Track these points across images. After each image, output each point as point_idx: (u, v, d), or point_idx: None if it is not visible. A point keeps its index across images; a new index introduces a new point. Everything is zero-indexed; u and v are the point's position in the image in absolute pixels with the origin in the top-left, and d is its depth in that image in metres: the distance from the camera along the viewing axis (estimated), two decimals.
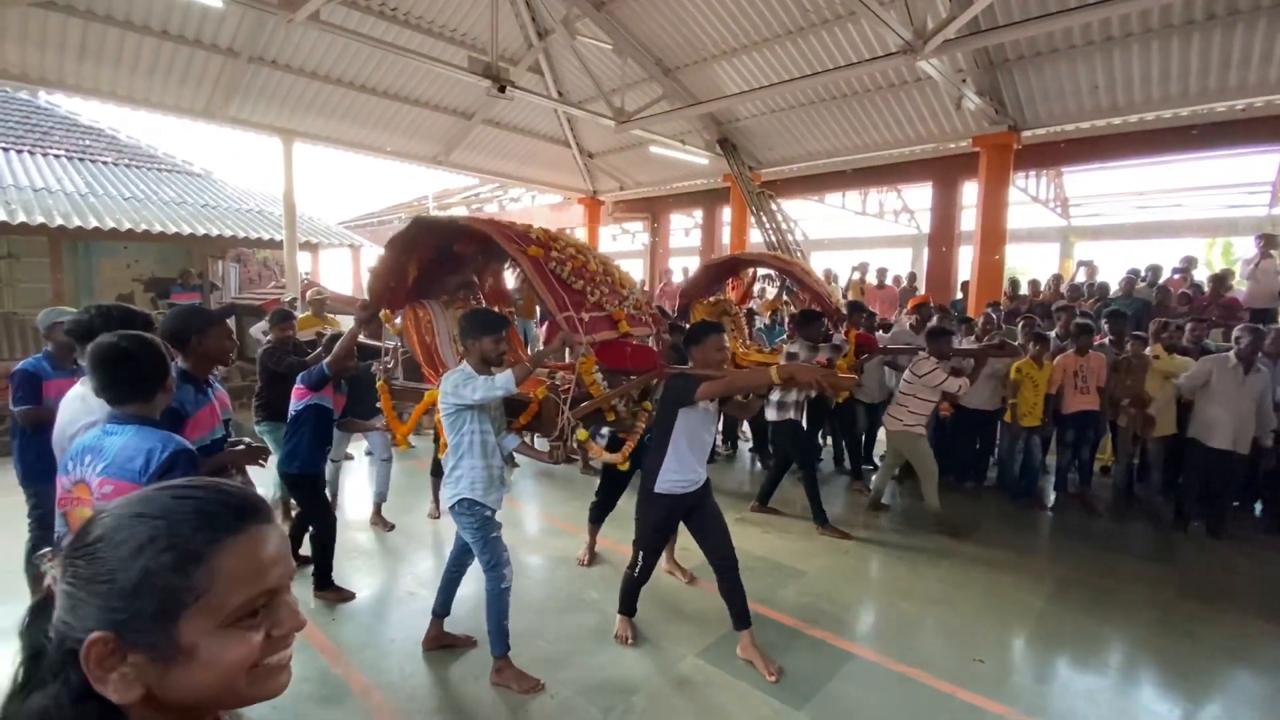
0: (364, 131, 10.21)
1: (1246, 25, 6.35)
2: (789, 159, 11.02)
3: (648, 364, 3.45)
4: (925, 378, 4.83)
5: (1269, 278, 7.62)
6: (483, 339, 2.87)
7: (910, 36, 5.88)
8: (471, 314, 3.03)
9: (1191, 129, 8.06)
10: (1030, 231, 15.74)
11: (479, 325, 2.90)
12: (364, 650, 3.28)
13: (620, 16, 8.71)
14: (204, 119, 8.83)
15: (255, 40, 7.90)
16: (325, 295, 6.51)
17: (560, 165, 13.16)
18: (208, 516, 0.66)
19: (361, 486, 5.77)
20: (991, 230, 8.64)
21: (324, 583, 3.77)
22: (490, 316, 3.00)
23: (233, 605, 0.64)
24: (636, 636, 3.35)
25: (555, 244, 3.51)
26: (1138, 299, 7.90)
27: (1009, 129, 8.35)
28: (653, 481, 3.07)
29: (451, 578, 3.21)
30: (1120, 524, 5.30)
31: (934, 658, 3.27)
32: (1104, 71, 7.36)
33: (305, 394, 3.66)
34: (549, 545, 4.71)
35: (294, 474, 3.67)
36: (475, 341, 2.88)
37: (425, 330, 4.03)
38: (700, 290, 6.09)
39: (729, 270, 6.30)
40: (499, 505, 3.02)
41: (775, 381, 2.64)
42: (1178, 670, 3.24)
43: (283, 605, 0.69)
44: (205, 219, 9.79)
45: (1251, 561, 4.65)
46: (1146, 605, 3.87)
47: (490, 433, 2.94)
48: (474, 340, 2.88)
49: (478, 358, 2.87)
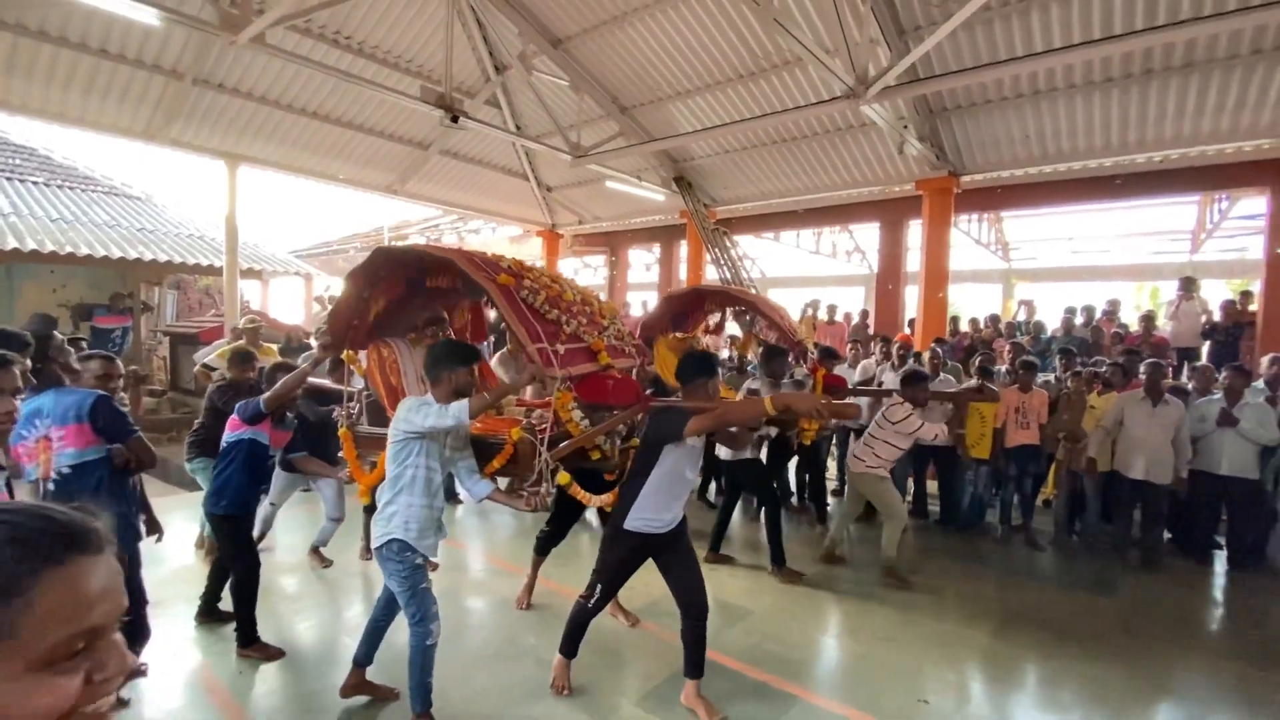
0: (315, 159, 10.01)
1: (1160, 84, 6.83)
2: (743, 198, 11.26)
3: (631, 398, 3.26)
4: (899, 425, 4.55)
5: (1190, 319, 8.08)
6: (458, 370, 2.71)
7: (853, 83, 6.10)
8: (445, 344, 2.88)
9: (1115, 178, 8.57)
10: (974, 273, 16.47)
11: (455, 356, 2.74)
12: (271, 707, 3.01)
13: (577, 55, 8.85)
14: (144, 140, 8.52)
15: (200, 62, 7.71)
16: (260, 323, 6.21)
17: (519, 198, 13.15)
18: (26, 544, 0.58)
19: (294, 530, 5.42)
20: (935, 269, 8.93)
21: (248, 639, 3.43)
22: (464, 347, 2.84)
23: (47, 645, 0.57)
24: (573, 686, 3.15)
25: (529, 274, 3.33)
26: (1076, 337, 8.24)
27: (949, 174, 8.72)
28: (623, 517, 2.88)
29: (377, 625, 2.98)
30: (1061, 557, 5.38)
31: (879, 698, 3.18)
32: (1034, 122, 7.78)
33: (239, 426, 3.38)
34: (485, 586, 4.50)
35: (220, 513, 3.37)
36: (450, 372, 2.70)
37: (390, 370, 3.71)
38: (662, 324, 5.69)
39: (691, 303, 5.92)
40: (433, 553, 2.83)
41: (770, 412, 2.53)
42: (1119, 709, 3.22)
43: (107, 646, 0.62)
44: (139, 243, 9.39)
45: (1182, 590, 4.75)
46: (1087, 639, 3.87)
47: (437, 471, 2.76)
48: (448, 371, 2.70)
49: (449, 390, 2.69)
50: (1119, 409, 5.21)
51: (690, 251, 12.13)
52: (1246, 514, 5.18)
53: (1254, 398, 5.15)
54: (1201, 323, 8.04)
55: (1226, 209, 12.29)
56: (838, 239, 17.77)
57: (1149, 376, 5.15)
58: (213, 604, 3.76)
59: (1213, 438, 5.11)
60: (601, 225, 13.96)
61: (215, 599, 3.76)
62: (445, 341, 2.90)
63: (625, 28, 8.05)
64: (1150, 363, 5.29)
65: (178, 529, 5.30)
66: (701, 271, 11.82)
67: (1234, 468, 5.02)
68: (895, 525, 4.63)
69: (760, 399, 2.60)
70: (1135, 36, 5.36)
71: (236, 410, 3.37)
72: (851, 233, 17.08)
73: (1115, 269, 15.28)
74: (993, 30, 6.60)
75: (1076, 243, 16.25)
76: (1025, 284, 15.80)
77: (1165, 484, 5.08)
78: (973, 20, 6.40)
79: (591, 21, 8.12)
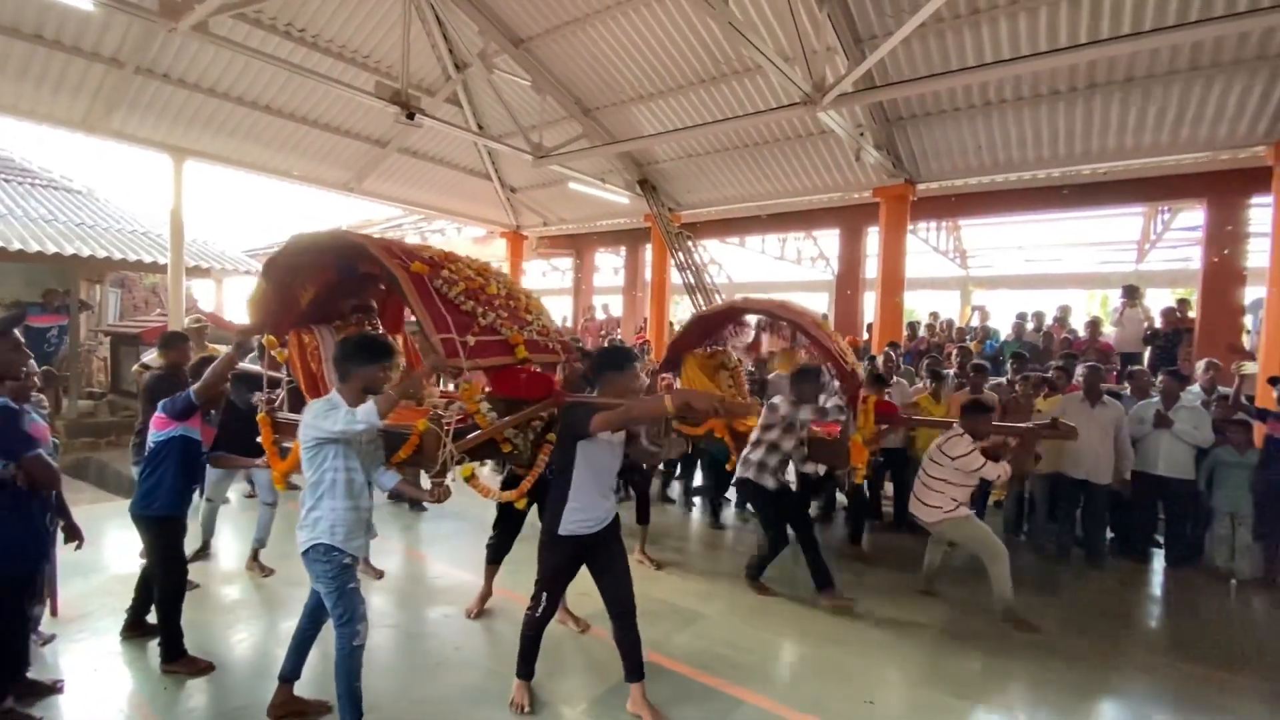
0: (267, 154, 9.71)
1: (1104, 98, 7.06)
2: (706, 202, 11.31)
3: (543, 392, 3.27)
4: (959, 460, 4.10)
5: (1134, 325, 8.39)
6: (367, 367, 2.62)
7: (810, 90, 6.16)
8: (357, 340, 2.78)
9: (1063, 189, 8.86)
10: (933, 280, 16.89)
11: (364, 352, 2.65)
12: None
13: (539, 55, 8.77)
14: (83, 131, 8.15)
15: (142, 51, 7.40)
16: (205, 322, 5.97)
17: (482, 198, 12.98)
18: None
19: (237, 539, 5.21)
20: (892, 275, 9.09)
21: (173, 653, 3.25)
22: (377, 344, 2.75)
23: None
24: (535, 703, 3.03)
25: (451, 265, 3.30)
26: (1027, 342, 8.47)
27: (906, 181, 8.88)
28: (556, 523, 2.82)
29: (304, 636, 2.86)
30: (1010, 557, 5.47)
31: (825, 700, 3.18)
32: (986, 132, 7.99)
33: (168, 423, 3.22)
34: (438, 596, 4.38)
35: (152, 516, 3.19)
36: (358, 370, 2.62)
37: (311, 357, 3.71)
38: (692, 340, 5.51)
39: (726, 320, 5.68)
40: (362, 553, 2.74)
41: (669, 411, 2.48)
42: (1061, 706, 3.28)
43: None
44: (79, 238, 8.96)
45: (1123, 588, 4.89)
46: (1031, 638, 3.93)
47: (357, 470, 2.66)
48: (356, 368, 2.62)
49: (357, 388, 2.61)
50: (1060, 410, 5.35)
51: (655, 255, 12.13)
52: (1183, 513, 5.36)
53: (1190, 401, 5.34)
54: (1144, 329, 8.35)
55: (1169, 220, 12.83)
56: (802, 245, 18.01)
57: (1086, 379, 5.31)
58: (140, 617, 3.57)
59: (1150, 439, 5.28)
60: (566, 227, 13.87)
61: (143, 612, 3.57)
62: (359, 337, 2.83)
63: (587, 29, 8.00)
64: (1088, 366, 5.45)
65: (113, 538, 5.06)
66: (666, 275, 11.83)
67: (1170, 468, 5.20)
68: (1000, 562, 4.09)
69: (661, 398, 2.54)
70: (1079, 50, 5.54)
71: (162, 408, 3.21)
72: (815, 239, 17.32)
73: (1066, 277, 15.81)
74: (945, 41, 6.75)
75: (1029, 251, 16.78)
76: (982, 291, 16.27)
77: (1105, 484, 5.21)
78: (926, 30, 6.55)
79: (553, 22, 8.05)
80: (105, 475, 7.71)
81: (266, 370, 3.76)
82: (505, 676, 3.16)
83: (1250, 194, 8.06)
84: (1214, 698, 3.38)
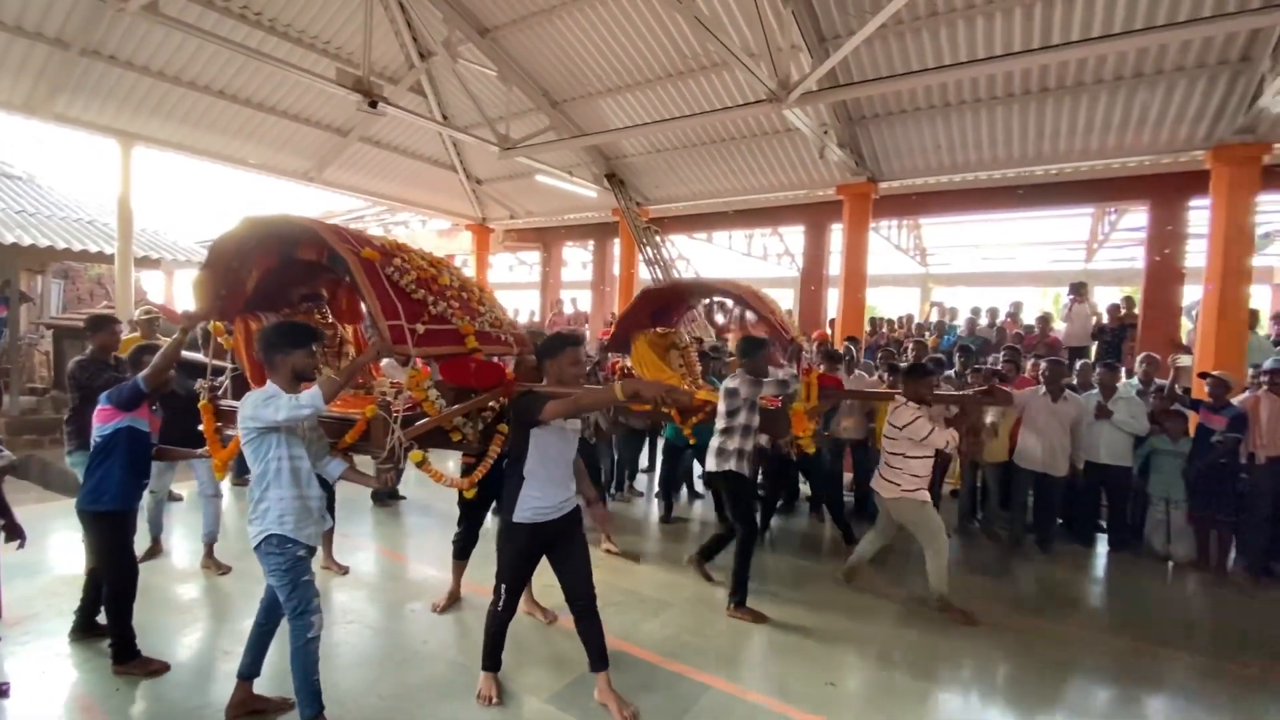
0: (222, 140, 9.40)
1: (1055, 102, 7.34)
2: (674, 197, 11.37)
3: (493, 381, 3.28)
4: (907, 429, 4.07)
5: (1082, 320, 8.74)
6: (293, 353, 2.60)
7: (775, 87, 6.25)
8: (276, 327, 2.74)
9: (1017, 189, 9.17)
10: (895, 277, 17.32)
11: (286, 338, 2.63)
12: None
13: (506, 45, 8.68)
14: (24, 114, 7.78)
15: (88, 31, 7.08)
16: (156, 314, 5.76)
17: (446, 189, 12.80)
18: None
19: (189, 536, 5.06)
20: (854, 271, 9.29)
21: (125, 653, 3.14)
22: (298, 328, 2.73)
23: None
24: (502, 694, 3.04)
25: (403, 253, 3.26)
26: (979, 336, 8.76)
27: (868, 179, 9.08)
28: (511, 510, 2.82)
29: (261, 633, 2.80)
30: (964, 543, 5.68)
31: (787, 683, 3.26)
32: (944, 133, 8.22)
33: (114, 415, 3.12)
34: (396, 588, 4.34)
35: (100, 511, 3.08)
36: (284, 356, 2.60)
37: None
38: (640, 320, 5.44)
39: (671, 298, 5.68)
40: (315, 542, 2.70)
41: (618, 397, 2.50)
42: (1012, 681, 3.44)
43: None
44: (19, 226, 8.54)
45: (1069, 571, 5.12)
46: (986, 622, 4.08)
47: (302, 458, 2.62)
48: (282, 355, 2.60)
49: (287, 374, 2.59)
50: (1020, 403, 5.53)
51: (623, 250, 12.14)
52: (1123, 499, 5.64)
53: (1126, 392, 5.60)
54: (1092, 324, 8.72)
55: (1115, 221, 13.40)
56: (768, 242, 18.23)
57: (1050, 373, 5.48)
58: (90, 618, 3.45)
59: (1092, 428, 5.53)
60: (534, 220, 13.77)
61: (92, 612, 3.45)
62: (277, 324, 2.78)
63: (554, 20, 7.96)
64: (1051, 360, 5.64)
65: (57, 538, 4.88)
66: (634, 270, 11.86)
67: (1111, 456, 5.46)
68: (939, 554, 4.10)
69: (612, 385, 2.56)
70: (1032, 54, 5.72)
71: (106, 399, 3.11)
72: (781, 236, 17.56)
73: (1020, 275, 16.38)
74: (905, 43, 6.92)
75: (986, 250, 17.31)
76: (941, 288, 16.74)
77: (1061, 475, 5.44)
78: (887, 31, 6.70)
79: (520, 12, 7.98)
80: (49, 474, 7.38)
81: (209, 358, 3.66)
82: (473, 669, 3.16)
83: (1190, 196, 8.48)
84: (1149, 668, 3.60)
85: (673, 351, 5.45)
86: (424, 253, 3.51)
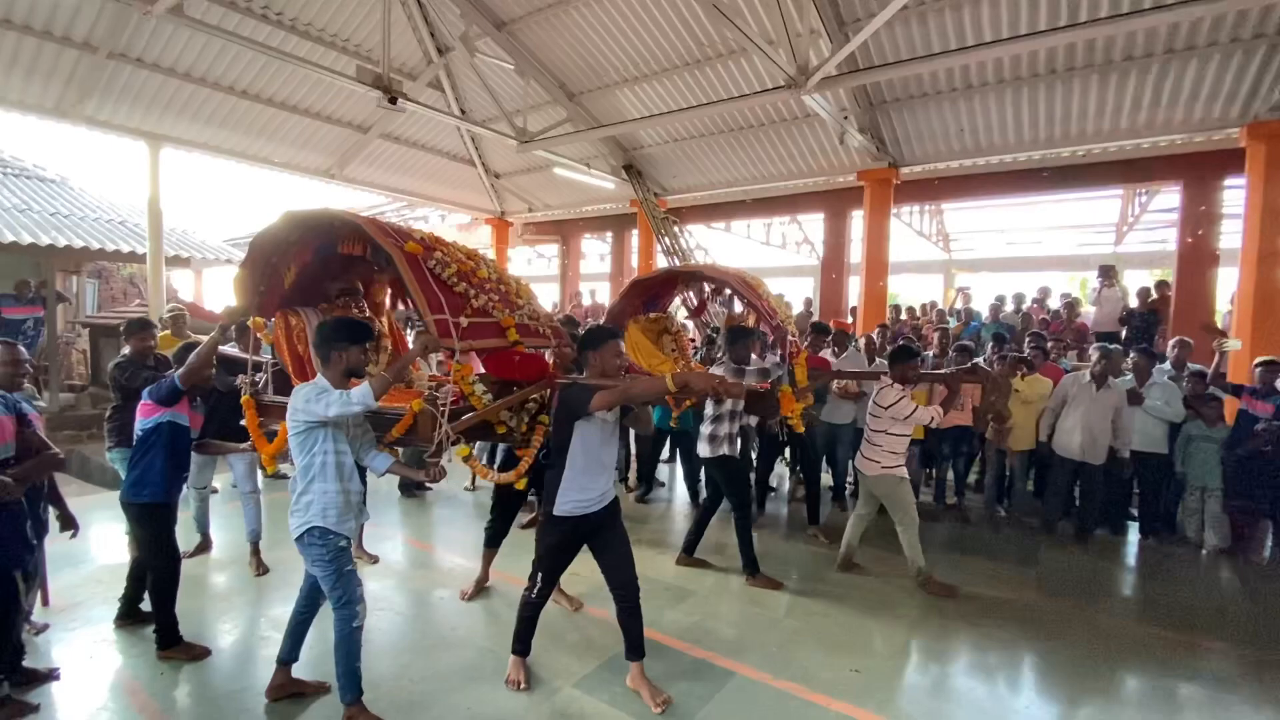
0: (247, 140, 9.56)
1: (1082, 81, 7.16)
2: (692, 187, 11.32)
3: (536, 373, 3.28)
4: (892, 409, 4.19)
5: (1111, 305, 8.55)
6: (350, 349, 2.65)
7: (794, 73, 6.19)
8: (335, 322, 2.79)
9: (1043, 171, 8.97)
10: (917, 263, 17.05)
11: (345, 333, 2.67)
12: (193, 708, 2.89)
13: (522, 38, 8.69)
14: (56, 118, 7.98)
15: (115, 35, 7.24)
16: (183, 310, 5.89)
17: (466, 184, 12.88)
18: None
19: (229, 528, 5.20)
20: (875, 258, 9.18)
21: (169, 639, 3.26)
22: (356, 325, 2.76)
23: None
24: (530, 679, 3.09)
25: (442, 246, 3.29)
26: (1004, 323, 8.61)
27: (889, 165, 8.95)
28: (552, 504, 2.86)
29: (301, 619, 2.89)
30: (992, 532, 5.63)
31: (813, 670, 3.27)
32: (968, 116, 8.06)
33: (154, 410, 3.21)
34: (425, 576, 4.42)
35: (142, 503, 3.19)
36: (341, 352, 2.64)
37: (298, 339, 3.66)
38: (633, 307, 5.50)
39: (663, 285, 5.72)
40: (354, 535, 2.77)
41: (670, 389, 2.53)
42: (1041, 669, 3.40)
43: None
44: (54, 228, 8.78)
45: (1099, 559, 5.04)
46: (1012, 608, 4.07)
47: (347, 454, 2.70)
48: (338, 351, 2.65)
49: (341, 370, 2.64)
50: (1063, 390, 5.43)
51: (641, 240, 12.13)
52: (1156, 487, 5.53)
53: (1160, 378, 5.47)
54: (1121, 309, 8.53)
55: (1146, 203, 13.05)
56: (787, 230, 18.09)
57: (1105, 364, 5.26)
58: (134, 605, 3.58)
59: (1124, 415, 5.41)
60: (552, 213, 13.81)
61: (136, 600, 3.58)
62: (336, 319, 2.81)
63: (570, 11, 7.95)
64: (1101, 348, 5.50)
65: (99, 529, 5.05)
66: (653, 260, 11.84)
67: (1145, 443, 5.34)
68: (911, 529, 4.29)
69: (662, 377, 2.59)
70: (1059, 32, 5.59)
71: (148, 394, 3.20)
72: (800, 224, 17.41)
73: (1047, 260, 16.04)
74: (927, 24, 6.79)
75: (1011, 234, 17.01)
76: (965, 274, 16.45)
77: (1100, 464, 5.31)
78: (909, 13, 6.58)
79: (536, 4, 7.99)
80: (89, 468, 7.63)
81: (249, 353, 3.73)
82: (501, 655, 3.23)
83: (1224, 175, 8.22)
84: (1183, 657, 3.53)
85: (665, 336, 5.49)
86: (460, 245, 3.54)
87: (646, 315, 5.58)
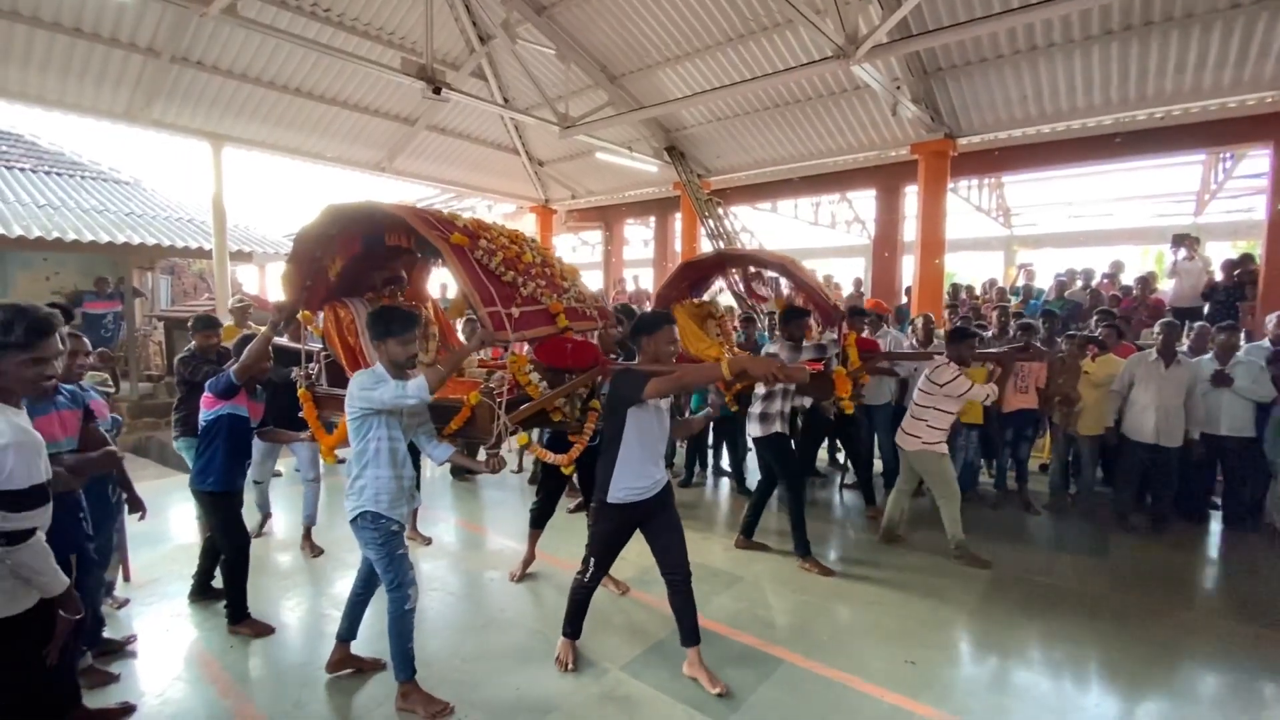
0: (300, 137, 9.87)
1: (1160, 36, 6.62)
2: (736, 167, 11.09)
3: (590, 360, 3.26)
4: (947, 386, 4.25)
5: (1191, 277, 7.93)
6: (387, 341, 2.67)
7: (843, 42, 5.94)
8: (378, 312, 2.82)
9: (1115, 137, 8.37)
10: (976, 240, 16.28)
11: (384, 325, 2.69)
12: (261, 679, 3.04)
13: (562, 22, 8.64)
14: (124, 122, 8.39)
15: (176, 39, 7.55)
16: (248, 303, 6.16)
17: (510, 173, 12.98)
18: None
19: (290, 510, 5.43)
20: (931, 236, 8.80)
21: (238, 615, 3.45)
22: (397, 314, 2.76)
23: None
24: (578, 661, 3.12)
25: (486, 233, 3.29)
26: (1070, 300, 8.13)
27: (945, 136, 8.54)
28: (605, 491, 2.86)
29: (358, 599, 2.99)
30: (1056, 520, 5.36)
31: (865, 660, 3.19)
32: (1031, 80, 7.59)
33: (215, 402, 3.36)
34: (482, 561, 4.51)
35: (208, 491, 3.36)
36: (381, 344, 2.69)
37: (348, 330, 3.76)
38: (680, 291, 5.52)
39: (712, 269, 5.76)
40: (406, 520, 2.83)
41: (726, 376, 2.48)
42: (1109, 665, 3.22)
43: None
44: (129, 227, 9.29)
45: (1175, 550, 4.74)
46: (1078, 599, 3.87)
47: (400, 440, 2.75)
48: (380, 342, 2.70)
49: (388, 361, 2.69)
50: (1130, 371, 5.11)
51: (685, 223, 11.99)
52: (1243, 473, 5.14)
53: (1256, 356, 5.06)
54: (1203, 283, 7.90)
55: (1231, 168, 12.06)
56: (836, 209, 17.52)
57: (1164, 337, 5.04)
58: (206, 582, 3.79)
59: (1208, 397, 5.05)
60: (595, 199, 13.79)
61: (208, 578, 3.78)
62: (383, 309, 2.83)
63: None
64: (1165, 323, 5.17)
65: (175, 511, 5.36)
66: (696, 244, 11.69)
67: (1232, 427, 4.97)
68: (952, 503, 4.36)
69: (718, 363, 2.54)
70: None
71: (208, 387, 3.35)
72: (849, 201, 16.85)
73: (1117, 233, 15.05)
74: None
75: (1077, 207, 16.04)
76: (1027, 251, 15.61)
77: (1176, 447, 5.01)
78: None
79: None
80: (166, 453, 8.10)
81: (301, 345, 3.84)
82: (549, 636, 3.27)
83: None
84: (1269, 654, 3.28)
85: (709, 320, 5.45)
86: (502, 228, 3.54)
87: (692, 300, 5.57)
